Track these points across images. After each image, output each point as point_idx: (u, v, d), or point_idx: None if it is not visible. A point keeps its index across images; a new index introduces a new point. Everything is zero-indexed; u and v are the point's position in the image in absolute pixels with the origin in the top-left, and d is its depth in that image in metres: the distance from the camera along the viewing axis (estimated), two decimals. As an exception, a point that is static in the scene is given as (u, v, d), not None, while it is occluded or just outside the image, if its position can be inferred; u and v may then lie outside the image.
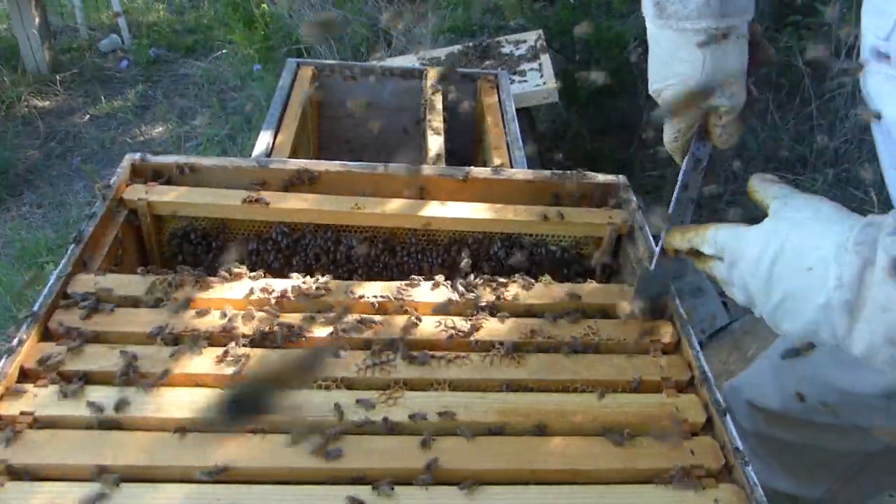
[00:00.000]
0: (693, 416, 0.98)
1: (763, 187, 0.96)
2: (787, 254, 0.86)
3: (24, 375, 0.97)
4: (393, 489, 0.85)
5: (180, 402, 0.94)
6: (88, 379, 0.97)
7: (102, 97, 4.47)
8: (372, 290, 1.14)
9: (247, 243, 1.34)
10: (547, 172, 1.39)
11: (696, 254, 1.01)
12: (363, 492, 0.85)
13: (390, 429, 0.94)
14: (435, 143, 1.76)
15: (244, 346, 1.03)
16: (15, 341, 0.99)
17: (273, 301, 1.11)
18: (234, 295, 1.12)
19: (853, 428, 1.43)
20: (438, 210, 1.31)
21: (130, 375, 0.96)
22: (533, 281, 1.20)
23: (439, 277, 1.18)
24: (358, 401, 0.96)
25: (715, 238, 0.96)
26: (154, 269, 1.17)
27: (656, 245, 1.29)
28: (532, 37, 3.09)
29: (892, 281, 0.75)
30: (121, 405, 0.92)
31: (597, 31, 3.46)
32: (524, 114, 2.84)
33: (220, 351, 1.01)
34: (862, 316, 0.79)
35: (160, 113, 4.41)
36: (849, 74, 1.33)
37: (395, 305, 1.13)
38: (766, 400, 1.50)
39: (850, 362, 1.26)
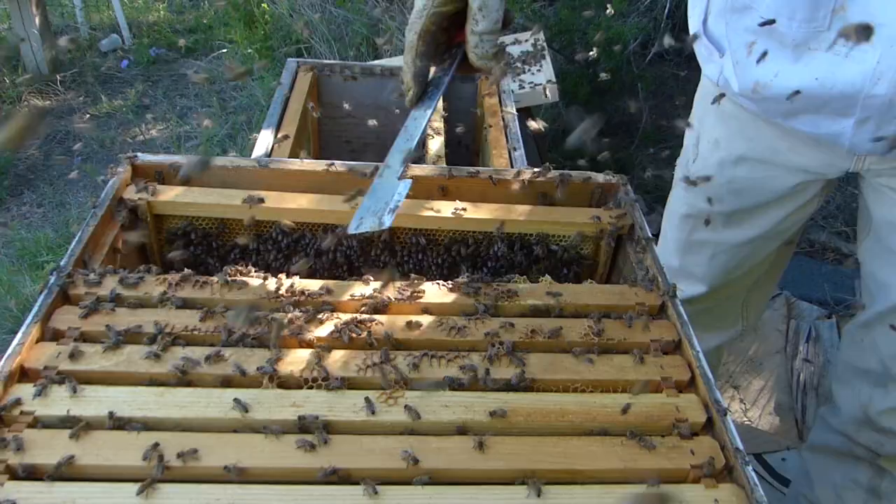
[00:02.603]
0: (693, 416, 0.98)
1: None
2: None
3: (25, 375, 0.98)
4: (377, 492, 0.85)
5: (180, 402, 0.94)
6: (88, 379, 0.97)
7: (102, 97, 4.48)
8: (371, 290, 1.14)
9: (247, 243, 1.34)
10: (548, 172, 1.39)
11: None
12: (361, 491, 0.85)
13: (389, 428, 0.94)
14: (435, 144, 1.76)
15: (244, 345, 1.03)
16: (15, 341, 0.99)
17: (273, 301, 1.11)
18: (234, 295, 1.12)
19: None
20: (438, 210, 1.31)
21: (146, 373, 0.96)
22: (533, 281, 1.20)
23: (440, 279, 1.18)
24: (360, 400, 0.96)
25: None
26: (154, 269, 1.17)
27: (656, 245, 1.30)
28: (532, 37, 3.09)
29: None
30: (120, 405, 0.92)
31: (597, 31, 3.46)
32: (524, 114, 2.85)
33: (220, 351, 1.01)
34: None
35: (160, 113, 4.41)
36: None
37: (395, 305, 1.13)
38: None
39: None
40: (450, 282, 1.17)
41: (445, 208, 1.32)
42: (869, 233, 1.56)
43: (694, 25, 1.56)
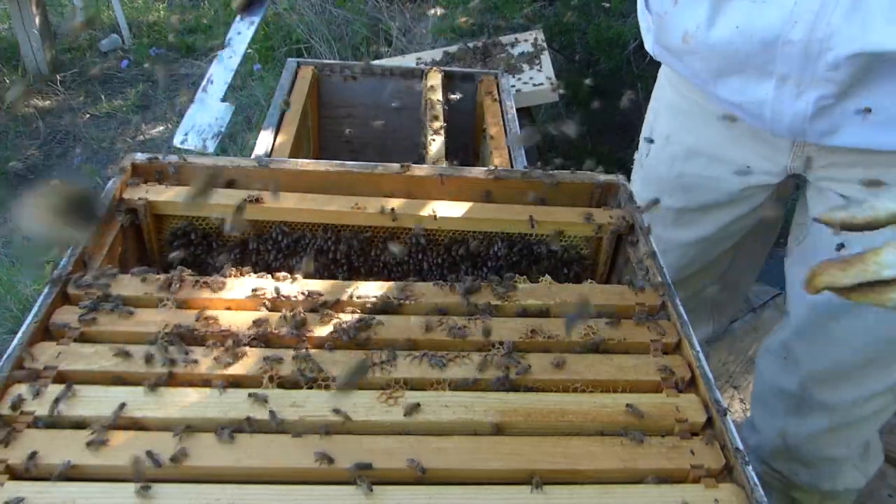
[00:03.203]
0: (693, 416, 0.98)
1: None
2: None
3: (24, 375, 0.97)
4: (371, 490, 0.85)
5: (181, 402, 0.94)
6: (88, 379, 0.97)
7: (103, 97, 4.47)
8: (372, 290, 1.14)
9: (247, 243, 1.34)
10: (548, 172, 1.39)
11: (869, 286, 0.93)
12: (360, 491, 0.85)
13: (389, 428, 0.94)
14: (435, 144, 1.76)
15: (244, 345, 1.03)
16: (15, 341, 0.99)
17: (273, 301, 1.11)
18: (234, 295, 1.12)
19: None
20: (438, 210, 1.31)
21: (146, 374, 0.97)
22: (533, 281, 1.20)
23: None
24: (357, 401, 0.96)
25: None
26: (154, 269, 1.17)
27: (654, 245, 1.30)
28: (532, 37, 3.09)
29: None
30: (121, 405, 0.92)
31: (597, 31, 3.46)
32: (524, 114, 2.85)
33: (219, 351, 1.01)
34: None
35: (160, 113, 4.41)
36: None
37: (396, 305, 1.13)
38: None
39: None
40: (449, 282, 1.17)
41: (445, 208, 1.32)
42: (806, 237, 1.55)
43: (640, 9, 1.57)
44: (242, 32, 1.15)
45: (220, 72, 1.12)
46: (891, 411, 1.64)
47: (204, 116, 1.09)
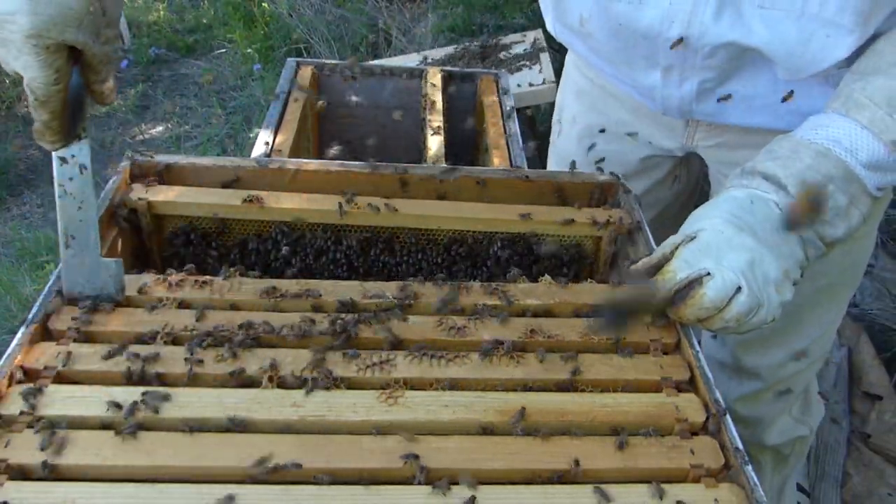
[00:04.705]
0: (693, 416, 0.99)
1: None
2: None
3: (25, 375, 0.97)
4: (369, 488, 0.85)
5: (180, 402, 0.94)
6: (88, 379, 0.97)
7: (102, 97, 4.47)
8: (372, 290, 1.14)
9: (246, 243, 1.34)
10: (548, 172, 1.39)
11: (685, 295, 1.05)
12: (361, 491, 0.85)
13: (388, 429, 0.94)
14: (435, 143, 1.76)
15: (243, 345, 1.03)
16: (15, 341, 0.99)
17: (272, 301, 1.11)
18: (234, 295, 1.12)
19: None
20: (438, 210, 1.31)
21: (145, 374, 0.97)
22: (533, 281, 1.20)
23: (439, 277, 1.18)
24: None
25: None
26: (154, 270, 1.17)
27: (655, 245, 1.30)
28: (532, 37, 3.09)
29: None
30: (121, 405, 0.93)
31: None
32: (524, 114, 2.85)
33: (219, 351, 1.01)
34: None
35: (160, 113, 4.41)
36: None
37: (396, 305, 1.13)
38: None
39: None
40: (449, 281, 1.17)
41: (445, 208, 1.32)
42: None
43: None
44: (75, 178, 1.02)
45: (79, 227, 1.04)
46: (815, 367, 1.77)
47: (90, 273, 1.06)
